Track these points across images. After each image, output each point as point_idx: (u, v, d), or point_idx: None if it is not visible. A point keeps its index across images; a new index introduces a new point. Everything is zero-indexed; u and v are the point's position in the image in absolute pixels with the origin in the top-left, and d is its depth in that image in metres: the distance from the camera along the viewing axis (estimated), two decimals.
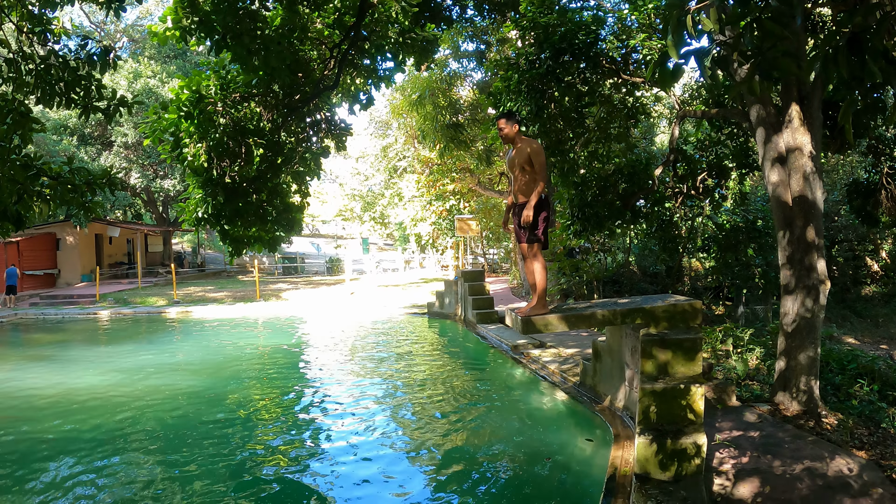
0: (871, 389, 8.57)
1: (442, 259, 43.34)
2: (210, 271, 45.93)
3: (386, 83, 11.37)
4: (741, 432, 7.25)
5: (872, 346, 13.17)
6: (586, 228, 11.99)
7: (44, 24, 8.33)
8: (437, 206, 37.01)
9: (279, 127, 10.48)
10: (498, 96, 11.66)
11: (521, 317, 7.48)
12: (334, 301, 26.93)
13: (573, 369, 11.02)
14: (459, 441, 8.79)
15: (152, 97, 32.62)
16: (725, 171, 13.24)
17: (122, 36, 43.21)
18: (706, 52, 2.77)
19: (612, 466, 6.73)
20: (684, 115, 11.46)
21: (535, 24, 11.06)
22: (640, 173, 11.79)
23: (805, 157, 7.88)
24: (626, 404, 8.43)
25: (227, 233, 10.25)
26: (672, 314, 7.47)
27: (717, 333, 11.78)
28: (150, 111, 9.91)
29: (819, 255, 7.90)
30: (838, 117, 3.43)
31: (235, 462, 8.16)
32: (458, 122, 26.31)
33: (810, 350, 7.86)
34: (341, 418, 10.08)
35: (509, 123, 7.71)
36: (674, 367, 6.83)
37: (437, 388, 11.81)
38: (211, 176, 9.69)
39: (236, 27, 8.55)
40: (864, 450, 6.67)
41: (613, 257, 22.16)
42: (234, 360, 15.06)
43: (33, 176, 6.79)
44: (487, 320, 17.78)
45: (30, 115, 7.28)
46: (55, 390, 12.34)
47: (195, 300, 27.61)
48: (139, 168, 36.13)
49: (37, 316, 25.40)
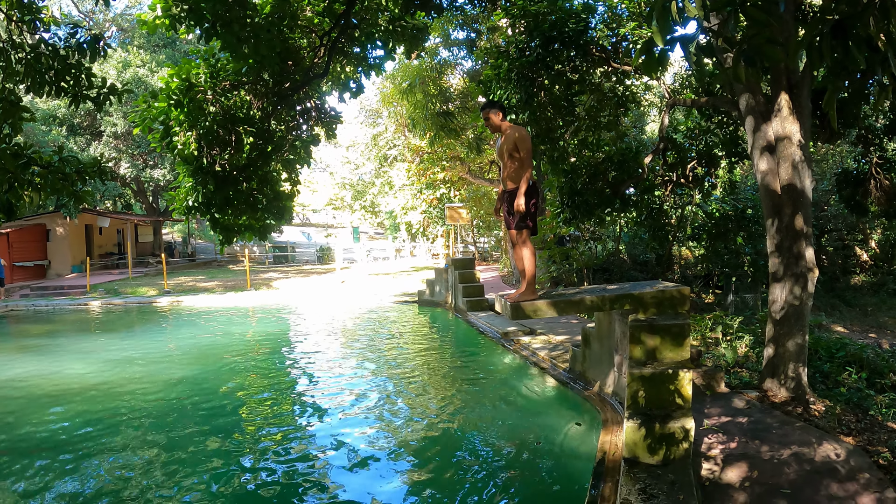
0: (860, 377, 8.65)
1: (432, 247, 43.34)
2: (200, 261, 45.82)
3: (376, 71, 11.38)
4: (729, 418, 7.31)
5: (861, 335, 13.25)
6: (576, 216, 12.03)
7: (33, 13, 8.31)
8: (428, 194, 37.01)
9: (269, 115, 10.48)
10: (488, 84, 11.66)
11: (511, 303, 7.53)
12: (325, 290, 26.94)
13: (563, 356, 11.08)
14: (449, 427, 8.83)
15: (141, 86, 32.46)
16: (715, 160, 13.29)
17: (111, 25, 42.95)
18: (691, 39, 2.80)
19: (602, 451, 6.78)
20: (674, 103, 11.49)
21: (525, 12, 11.06)
22: (630, 161, 11.83)
23: (794, 145, 7.92)
24: (615, 390, 8.48)
25: (217, 221, 10.25)
26: (660, 300, 7.53)
27: (706, 321, 11.85)
28: (140, 100, 9.88)
29: (807, 243, 7.95)
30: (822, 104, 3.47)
31: (225, 451, 8.18)
32: (449, 110, 26.28)
33: (798, 337, 7.93)
34: (331, 406, 10.11)
35: (495, 112, 7.82)
36: (662, 352, 6.88)
37: (426, 376, 11.86)
38: (201, 164, 9.68)
39: (226, 15, 8.53)
40: (852, 436, 6.74)
41: (603, 245, 22.21)
42: (225, 350, 15.06)
43: (24, 165, 6.78)
44: (478, 308, 17.82)
45: (20, 104, 7.26)
46: (46, 381, 12.32)
47: (186, 290, 27.56)
48: (129, 157, 35.97)
49: (27, 307, 25.31)
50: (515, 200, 7.41)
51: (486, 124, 7.95)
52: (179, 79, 9.54)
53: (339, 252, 36.65)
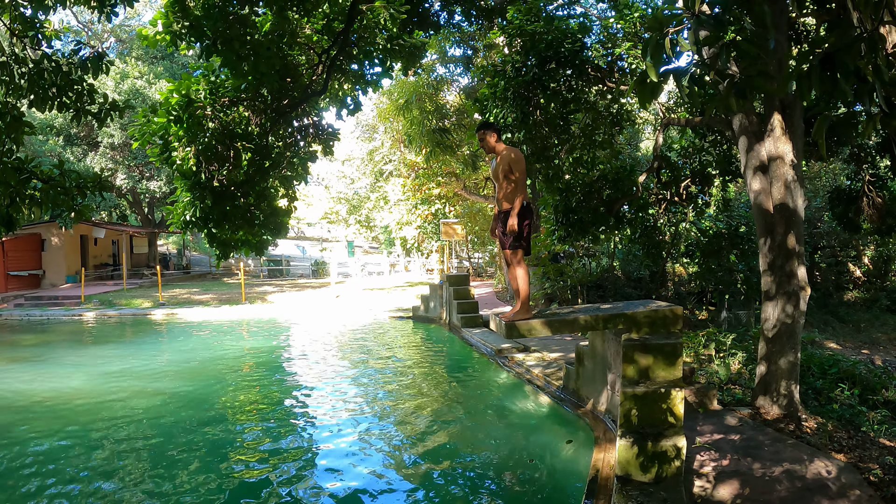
0: (852, 394, 8.72)
1: (427, 263, 43.40)
2: (195, 273, 45.80)
3: (373, 88, 11.46)
4: (722, 435, 7.37)
5: (854, 351, 13.34)
6: (571, 234, 12.10)
7: (36, 28, 8.38)
8: (423, 209, 37.09)
9: (267, 131, 10.55)
10: (484, 103, 11.76)
11: (506, 322, 7.59)
12: (319, 304, 26.94)
13: (556, 373, 11.13)
14: (443, 443, 8.87)
15: (139, 98, 32.53)
16: (709, 178, 13.40)
17: (110, 36, 43.07)
18: (684, 72, 2.89)
19: (594, 468, 6.83)
20: (668, 122, 11.60)
21: (521, 31, 11.19)
22: (625, 179, 11.92)
23: (786, 165, 8.03)
24: (608, 408, 8.54)
25: (214, 236, 10.30)
26: (653, 319, 7.60)
27: (699, 338, 11.92)
28: (140, 114, 9.95)
29: (799, 261, 8.04)
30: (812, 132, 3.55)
31: (217, 465, 8.20)
32: (445, 126, 26.41)
33: (791, 355, 8.00)
34: (324, 422, 10.13)
35: (490, 133, 7.87)
36: (655, 371, 6.94)
37: (420, 392, 11.89)
38: (199, 179, 9.74)
39: (227, 32, 8.63)
40: (844, 453, 6.80)
41: (598, 262, 22.28)
42: (219, 363, 15.06)
43: (25, 179, 6.84)
44: (472, 324, 17.85)
45: (22, 118, 7.33)
46: (38, 392, 12.32)
47: (180, 302, 27.53)
48: (125, 169, 35.99)
49: (21, 317, 25.25)
50: (508, 221, 7.49)
51: (480, 145, 7.99)
52: (179, 94, 9.61)
53: (333, 266, 36.65)
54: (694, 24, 2.80)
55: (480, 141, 7.96)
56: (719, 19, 2.75)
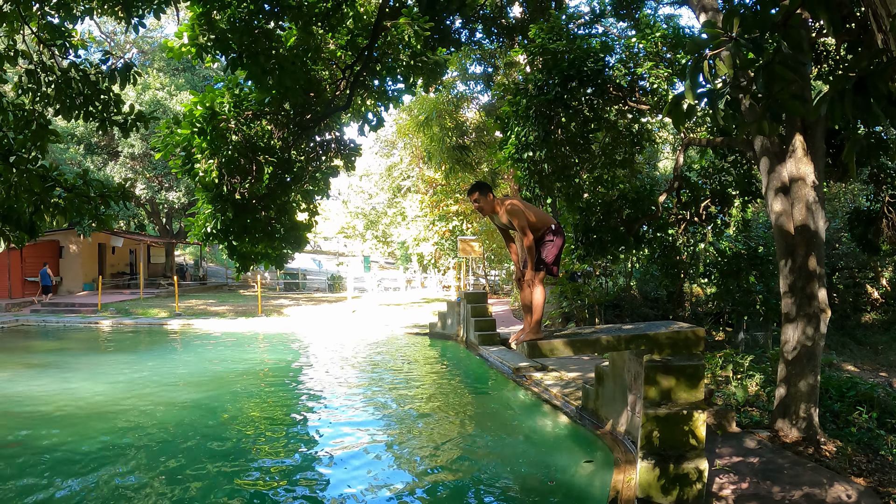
0: (870, 417, 8.64)
1: (443, 279, 43.36)
2: (212, 284, 46.02)
3: (395, 104, 11.50)
4: (741, 458, 7.33)
5: (872, 374, 13.22)
6: (590, 253, 12.09)
7: (64, 37, 8.49)
8: (440, 226, 37.14)
9: (290, 145, 10.62)
10: (506, 120, 11.79)
11: (527, 342, 7.52)
12: (335, 318, 26.98)
13: (575, 393, 11.08)
14: (460, 462, 8.83)
15: (160, 109, 32.79)
16: (728, 199, 13.37)
17: (132, 47, 43.46)
18: (721, 96, 2.90)
19: (614, 490, 6.80)
20: (689, 142, 11.59)
21: (544, 49, 11.22)
22: (644, 199, 11.91)
23: (808, 186, 8.01)
24: (627, 429, 8.49)
25: (234, 248, 10.33)
26: (675, 341, 7.56)
27: (717, 359, 11.85)
28: (163, 125, 10.03)
29: (820, 284, 8.01)
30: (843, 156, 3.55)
31: (230, 476, 8.20)
32: (464, 143, 26.48)
33: (810, 378, 7.95)
34: (339, 437, 10.12)
35: (483, 196, 7.59)
36: (676, 393, 6.91)
37: (438, 409, 11.86)
38: (221, 192, 9.80)
39: (252, 46, 8.70)
40: (863, 477, 6.75)
41: (615, 281, 22.22)
42: (235, 375, 15.10)
43: (49, 187, 6.89)
44: (489, 342, 17.80)
45: (49, 126, 7.41)
46: (54, 398, 12.39)
47: (197, 313, 27.65)
48: (144, 179, 36.25)
49: (38, 323, 25.47)
50: (525, 246, 7.38)
51: (476, 208, 7.69)
52: (203, 107, 9.68)
53: (350, 281, 36.70)
54: (733, 48, 2.81)
55: (475, 204, 7.63)
56: (758, 43, 2.76)
